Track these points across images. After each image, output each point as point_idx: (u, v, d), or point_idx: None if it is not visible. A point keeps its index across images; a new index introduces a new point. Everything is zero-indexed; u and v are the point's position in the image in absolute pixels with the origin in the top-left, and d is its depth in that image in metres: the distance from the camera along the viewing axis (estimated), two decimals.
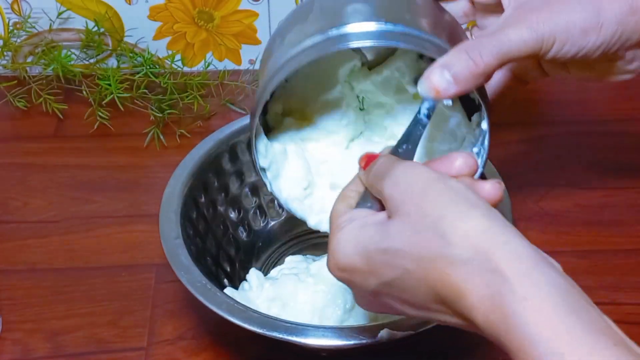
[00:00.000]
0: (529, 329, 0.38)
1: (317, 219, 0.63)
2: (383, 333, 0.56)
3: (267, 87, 0.56)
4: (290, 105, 0.65)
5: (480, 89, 0.55)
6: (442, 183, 0.44)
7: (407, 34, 0.53)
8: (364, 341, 0.56)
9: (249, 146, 0.61)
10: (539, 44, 0.52)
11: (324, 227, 0.62)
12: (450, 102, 0.62)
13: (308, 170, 0.63)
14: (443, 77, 0.51)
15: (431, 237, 0.42)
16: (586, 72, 0.59)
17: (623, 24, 0.54)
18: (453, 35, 0.56)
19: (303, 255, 0.72)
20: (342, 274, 0.47)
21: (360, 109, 0.65)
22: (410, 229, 0.43)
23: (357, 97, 0.65)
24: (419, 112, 0.52)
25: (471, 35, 0.63)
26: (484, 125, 0.57)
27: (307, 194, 0.63)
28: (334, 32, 0.54)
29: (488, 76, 0.52)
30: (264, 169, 0.62)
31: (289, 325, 0.58)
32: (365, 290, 0.47)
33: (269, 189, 0.62)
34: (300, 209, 0.63)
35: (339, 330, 0.58)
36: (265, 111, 0.64)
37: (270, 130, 0.64)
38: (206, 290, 0.60)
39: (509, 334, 0.39)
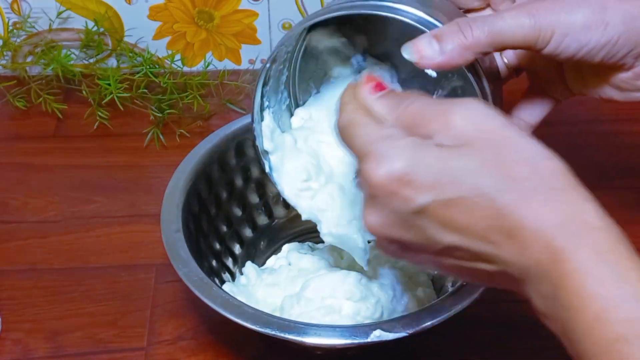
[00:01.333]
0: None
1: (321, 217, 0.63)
2: (376, 333, 0.56)
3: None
4: None
5: (476, 74, 0.54)
6: (516, 127, 0.44)
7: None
8: (356, 341, 0.56)
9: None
10: (536, 33, 0.51)
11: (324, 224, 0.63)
12: (434, 74, 0.62)
13: (316, 166, 0.64)
14: (430, 45, 0.51)
15: (519, 165, 0.42)
16: (602, 83, 0.57)
17: (631, 27, 0.52)
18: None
19: (301, 243, 0.72)
20: (390, 182, 0.43)
21: None
22: (494, 155, 0.42)
23: None
24: None
25: None
26: None
27: (309, 188, 0.63)
28: None
29: (477, 54, 0.51)
30: (266, 152, 0.62)
31: (282, 322, 0.58)
32: (406, 207, 0.43)
33: (266, 171, 0.63)
34: (302, 204, 0.63)
35: (332, 329, 0.58)
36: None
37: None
38: (202, 284, 0.60)
39: (569, 272, 0.39)
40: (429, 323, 0.57)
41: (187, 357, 0.66)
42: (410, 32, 0.53)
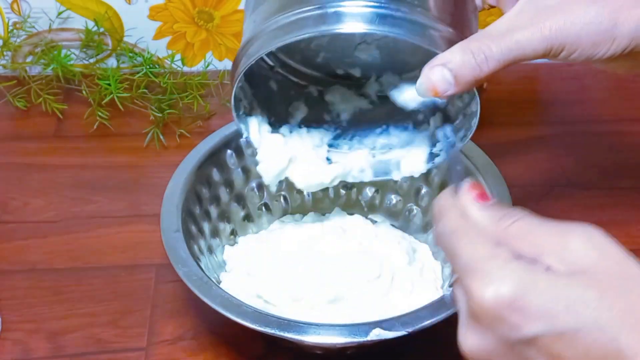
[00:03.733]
0: None
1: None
2: (375, 332, 0.56)
3: (243, 61, 0.56)
4: None
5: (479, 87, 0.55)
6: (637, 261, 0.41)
7: (409, 20, 0.52)
8: (356, 339, 0.56)
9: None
10: (547, 51, 0.51)
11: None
12: (444, 102, 0.62)
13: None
14: (444, 78, 0.50)
15: None
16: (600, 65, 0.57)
17: (637, 40, 0.52)
18: (461, 10, 0.55)
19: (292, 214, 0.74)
20: (498, 306, 0.40)
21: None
22: (615, 287, 0.40)
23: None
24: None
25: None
26: (474, 106, 0.56)
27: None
28: (330, 9, 0.52)
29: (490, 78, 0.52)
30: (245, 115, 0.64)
31: (282, 321, 0.58)
32: (514, 335, 0.40)
33: (244, 135, 0.64)
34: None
35: (331, 328, 0.58)
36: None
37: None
38: (202, 284, 0.60)
39: None
40: (428, 322, 0.57)
41: (187, 357, 0.66)
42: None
